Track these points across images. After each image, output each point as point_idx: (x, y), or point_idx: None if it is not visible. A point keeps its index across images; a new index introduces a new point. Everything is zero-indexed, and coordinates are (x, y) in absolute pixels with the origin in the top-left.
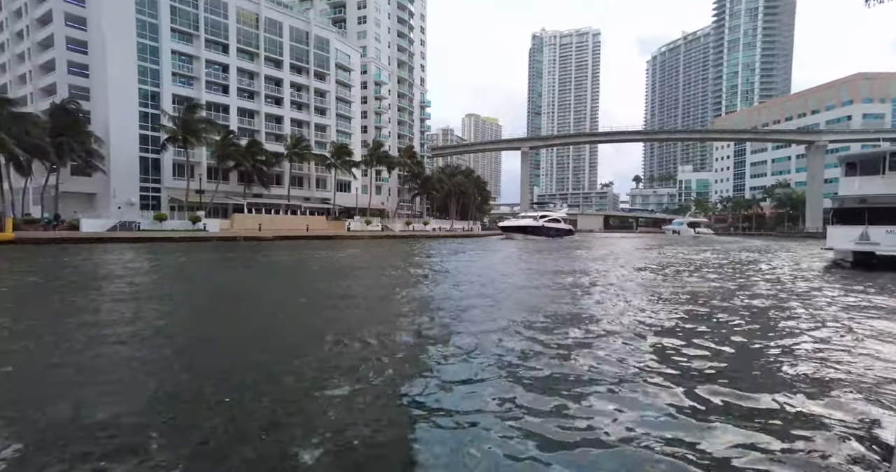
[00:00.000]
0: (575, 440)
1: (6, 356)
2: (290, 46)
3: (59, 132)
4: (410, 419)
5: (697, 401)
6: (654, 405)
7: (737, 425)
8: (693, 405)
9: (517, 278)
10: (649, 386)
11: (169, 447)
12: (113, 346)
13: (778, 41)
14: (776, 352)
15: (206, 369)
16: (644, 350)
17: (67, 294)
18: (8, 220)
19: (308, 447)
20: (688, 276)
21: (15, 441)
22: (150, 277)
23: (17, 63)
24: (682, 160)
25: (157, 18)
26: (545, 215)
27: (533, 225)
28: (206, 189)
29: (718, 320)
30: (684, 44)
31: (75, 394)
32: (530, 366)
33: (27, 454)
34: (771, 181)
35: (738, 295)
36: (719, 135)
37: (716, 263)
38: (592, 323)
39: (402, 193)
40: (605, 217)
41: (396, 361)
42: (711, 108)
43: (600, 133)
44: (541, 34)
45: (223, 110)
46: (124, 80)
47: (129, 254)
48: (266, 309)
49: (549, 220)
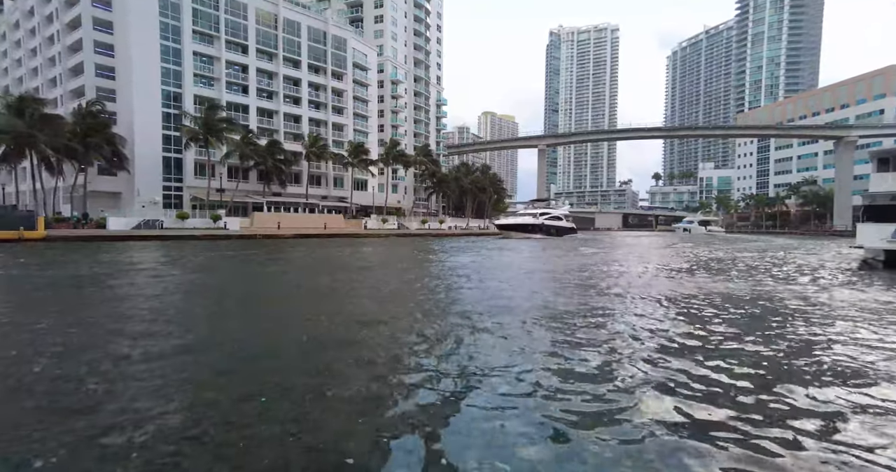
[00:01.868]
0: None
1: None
2: (307, 46)
3: (87, 133)
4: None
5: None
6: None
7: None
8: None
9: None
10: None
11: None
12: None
13: (805, 34)
14: (804, 365)
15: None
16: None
17: (123, 289)
18: (40, 219)
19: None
20: (710, 276)
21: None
22: (184, 273)
23: (48, 66)
24: (704, 157)
25: (180, 20)
26: (545, 213)
27: (532, 223)
28: (226, 188)
29: (741, 324)
30: (706, 38)
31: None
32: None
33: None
34: (796, 178)
35: (764, 298)
36: (743, 131)
37: (742, 263)
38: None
39: (418, 191)
40: (623, 215)
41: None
42: (734, 104)
43: (619, 130)
44: (558, 31)
45: (243, 110)
46: (148, 81)
47: (155, 252)
48: (301, 304)
49: (549, 217)
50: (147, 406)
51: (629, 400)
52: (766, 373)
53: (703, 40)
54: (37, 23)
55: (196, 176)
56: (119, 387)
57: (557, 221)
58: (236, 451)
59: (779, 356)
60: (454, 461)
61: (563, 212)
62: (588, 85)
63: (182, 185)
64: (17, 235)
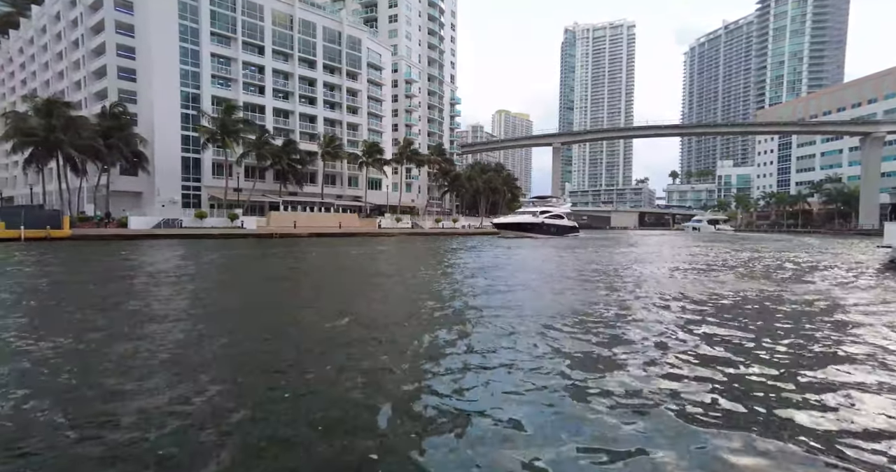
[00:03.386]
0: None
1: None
2: (323, 47)
3: (110, 134)
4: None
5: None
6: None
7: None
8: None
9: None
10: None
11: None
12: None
13: (830, 28)
14: (829, 377)
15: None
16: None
17: (169, 285)
18: (65, 218)
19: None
20: (733, 277)
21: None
22: (206, 271)
23: (73, 70)
24: (722, 155)
25: (198, 23)
26: (545, 211)
27: (531, 222)
28: (243, 188)
29: (757, 326)
30: (724, 33)
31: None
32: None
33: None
34: (819, 176)
35: (787, 301)
36: (763, 128)
37: (760, 262)
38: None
39: (431, 190)
40: (640, 214)
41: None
42: (754, 100)
43: (635, 128)
44: (573, 28)
45: (259, 111)
46: (168, 83)
47: (178, 249)
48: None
49: (549, 216)
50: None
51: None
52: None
53: (722, 36)
54: (62, 27)
55: (214, 176)
56: (141, 373)
57: (558, 220)
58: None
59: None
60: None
61: (564, 210)
62: (604, 82)
63: (200, 184)
64: (44, 233)
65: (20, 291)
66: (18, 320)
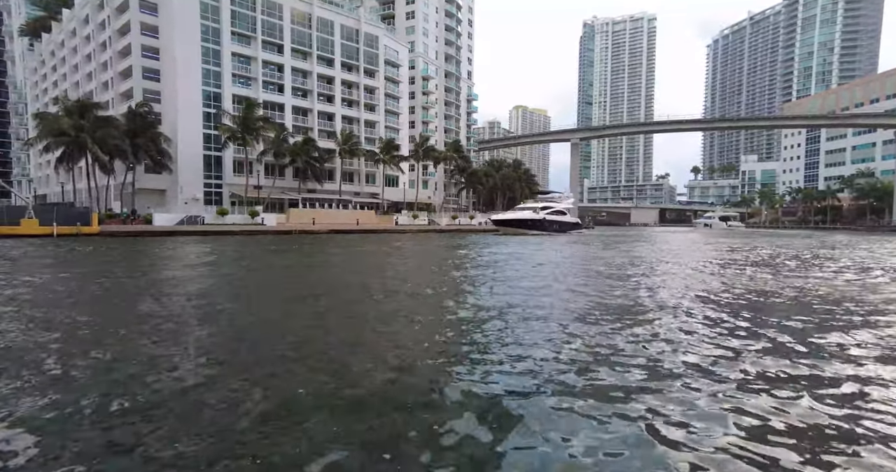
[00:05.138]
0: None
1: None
2: (340, 44)
3: (135, 133)
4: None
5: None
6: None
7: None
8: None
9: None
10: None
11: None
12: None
13: (863, 16)
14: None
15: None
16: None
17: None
18: (94, 215)
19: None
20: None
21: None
22: (233, 267)
23: (101, 71)
24: (746, 149)
25: (219, 22)
26: (546, 207)
27: (532, 218)
28: (263, 185)
29: (780, 329)
30: (750, 25)
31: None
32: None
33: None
34: (850, 170)
35: (814, 304)
36: (790, 121)
37: (786, 262)
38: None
39: (448, 187)
40: (660, 210)
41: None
42: (780, 93)
43: (655, 123)
44: (592, 22)
45: (279, 109)
46: (190, 82)
47: (203, 246)
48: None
49: (551, 212)
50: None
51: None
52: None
53: (747, 27)
54: (91, 30)
55: (235, 173)
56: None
57: (560, 216)
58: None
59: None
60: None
61: (566, 206)
62: (623, 77)
63: (222, 182)
64: (75, 230)
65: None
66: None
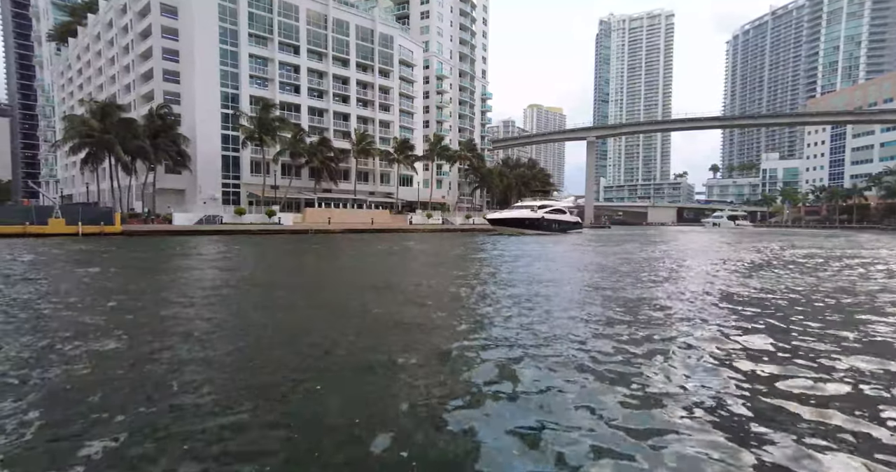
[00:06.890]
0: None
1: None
2: (356, 45)
3: (156, 134)
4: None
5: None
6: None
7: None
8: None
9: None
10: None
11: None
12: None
13: (893, 8)
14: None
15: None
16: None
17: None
18: (117, 214)
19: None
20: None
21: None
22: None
23: (124, 73)
24: (767, 147)
25: (237, 24)
26: (545, 205)
27: (530, 217)
28: (280, 185)
29: (797, 330)
30: (772, 19)
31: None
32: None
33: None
34: (878, 168)
35: (841, 307)
36: (815, 118)
37: (810, 262)
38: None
39: (462, 186)
40: (678, 209)
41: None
42: (803, 89)
43: (673, 120)
44: (608, 19)
45: (295, 109)
46: (208, 84)
47: (224, 245)
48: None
49: (550, 211)
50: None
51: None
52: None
53: (769, 22)
54: (114, 33)
55: (252, 173)
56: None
57: (559, 215)
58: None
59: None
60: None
61: (566, 204)
62: (640, 74)
63: (239, 182)
64: (98, 229)
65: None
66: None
